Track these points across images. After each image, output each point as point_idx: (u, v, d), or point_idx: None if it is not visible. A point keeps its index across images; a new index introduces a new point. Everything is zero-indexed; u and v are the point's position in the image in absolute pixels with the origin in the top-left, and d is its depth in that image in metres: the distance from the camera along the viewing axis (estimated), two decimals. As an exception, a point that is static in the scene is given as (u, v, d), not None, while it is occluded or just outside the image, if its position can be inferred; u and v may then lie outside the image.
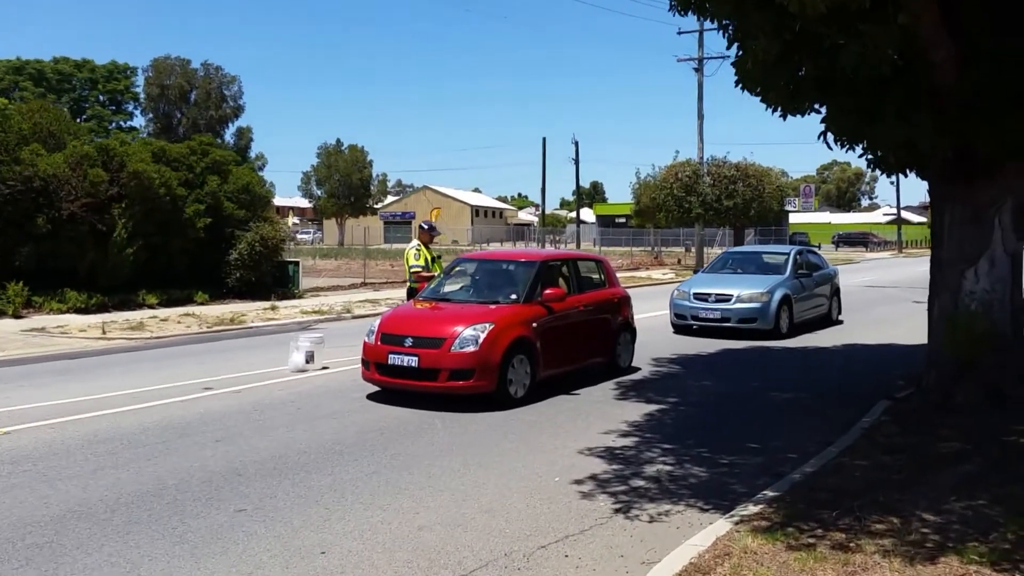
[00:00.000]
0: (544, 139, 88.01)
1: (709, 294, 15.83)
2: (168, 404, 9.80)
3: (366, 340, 10.05)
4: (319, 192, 77.04)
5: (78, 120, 70.59)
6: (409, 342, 9.53)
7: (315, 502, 6.32)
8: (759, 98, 8.47)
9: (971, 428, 7.98)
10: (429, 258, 12.46)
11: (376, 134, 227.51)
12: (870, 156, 9.98)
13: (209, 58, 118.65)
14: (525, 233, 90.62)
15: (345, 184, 75.25)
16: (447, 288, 11.09)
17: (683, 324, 16.01)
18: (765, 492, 6.39)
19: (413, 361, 9.41)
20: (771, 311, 15.24)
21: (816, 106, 9.01)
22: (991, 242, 8.97)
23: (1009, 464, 6.86)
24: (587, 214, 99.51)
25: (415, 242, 12.78)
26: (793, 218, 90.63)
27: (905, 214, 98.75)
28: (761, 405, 10.14)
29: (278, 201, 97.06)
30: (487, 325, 9.53)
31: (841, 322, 18.02)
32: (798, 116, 8.96)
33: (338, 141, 76.90)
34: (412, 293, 12.06)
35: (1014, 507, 5.72)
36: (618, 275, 32.08)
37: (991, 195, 8.93)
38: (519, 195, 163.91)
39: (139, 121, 74.40)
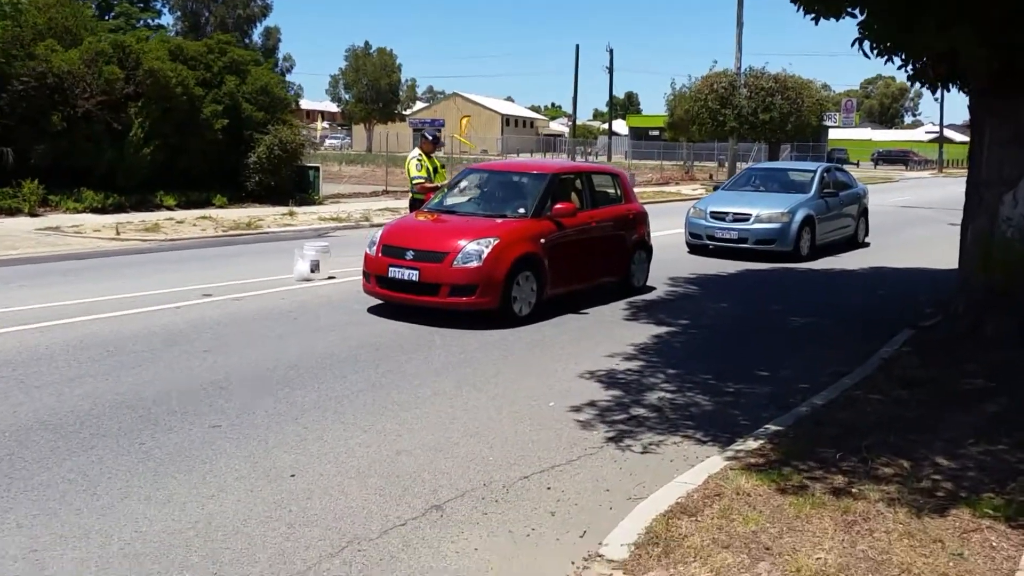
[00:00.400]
0: (577, 46, 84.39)
1: (727, 213, 15.05)
2: (163, 310, 9.56)
3: (367, 251, 9.67)
4: (347, 96, 75.90)
5: (106, 18, 69.73)
6: (410, 255, 9.14)
7: (294, 420, 6.05)
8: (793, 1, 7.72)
9: (999, 364, 7.49)
10: (431, 168, 11.94)
11: (407, 39, 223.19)
12: (910, 68, 9.29)
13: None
14: (556, 144, 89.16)
15: (373, 89, 73.98)
16: (453, 200, 10.63)
17: (698, 244, 15.34)
18: (768, 426, 6.01)
19: (414, 275, 9.04)
20: (791, 232, 14.53)
21: (852, 10, 8.26)
22: (1034, 165, 8.31)
23: (1035, 404, 6.41)
24: (621, 126, 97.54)
25: (416, 151, 12.27)
26: (833, 134, 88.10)
27: (948, 132, 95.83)
28: (776, 330, 9.70)
29: (308, 105, 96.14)
30: (492, 240, 9.10)
31: (868, 244, 17.31)
32: (832, 20, 8.24)
33: (366, 44, 75.38)
34: (415, 204, 11.61)
35: (1038, 453, 5.31)
36: (647, 189, 31.21)
37: (1039, 112, 8.22)
38: (552, 105, 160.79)
39: (167, 20, 73.21)
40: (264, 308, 9.79)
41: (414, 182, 11.87)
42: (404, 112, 79.72)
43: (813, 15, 8.38)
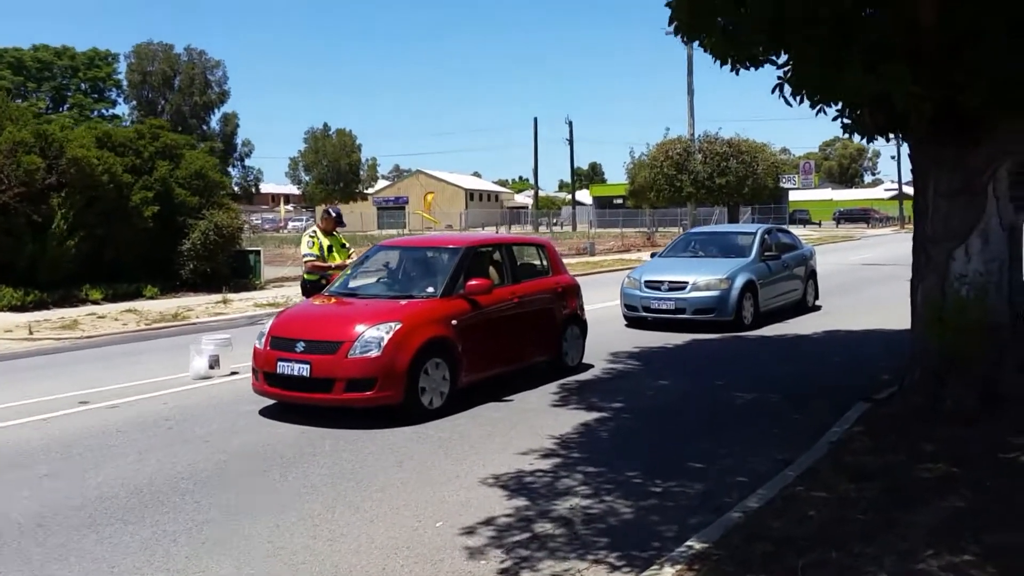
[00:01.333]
0: (535, 119, 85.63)
1: (661, 281, 13.98)
2: (27, 423, 8.42)
3: (256, 345, 8.64)
4: (307, 178, 75.47)
5: (61, 110, 69.18)
6: (300, 347, 8.11)
7: (109, 570, 4.92)
8: (702, 47, 6.94)
9: (961, 441, 6.55)
10: (325, 246, 10.96)
11: (373, 119, 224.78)
12: (846, 118, 8.57)
13: (193, 43, 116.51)
14: (521, 216, 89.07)
15: (333, 169, 73.67)
16: (359, 281, 9.67)
17: (635, 316, 14.33)
18: (690, 543, 4.97)
19: (304, 370, 7.99)
20: (731, 300, 13.58)
21: (773, 56, 7.52)
22: (984, 215, 7.51)
23: (1007, 495, 5.43)
24: (586, 196, 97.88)
25: (313, 228, 11.38)
26: (794, 195, 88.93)
27: (908, 189, 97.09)
28: (719, 409, 8.72)
29: (271, 188, 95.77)
30: (393, 325, 8.10)
31: (819, 307, 16.46)
32: (751, 69, 7.49)
33: (325, 126, 75.38)
34: (307, 287, 10.61)
35: (1016, 567, 4.32)
36: (608, 256, 30.04)
37: (983, 158, 7.46)
38: (520, 178, 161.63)
39: (123, 109, 72.87)
40: (139, 416, 8.66)
41: (304, 259, 10.89)
42: (366, 191, 79.47)
43: (730, 65, 7.63)
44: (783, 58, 7.25)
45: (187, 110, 72.69)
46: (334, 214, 11.26)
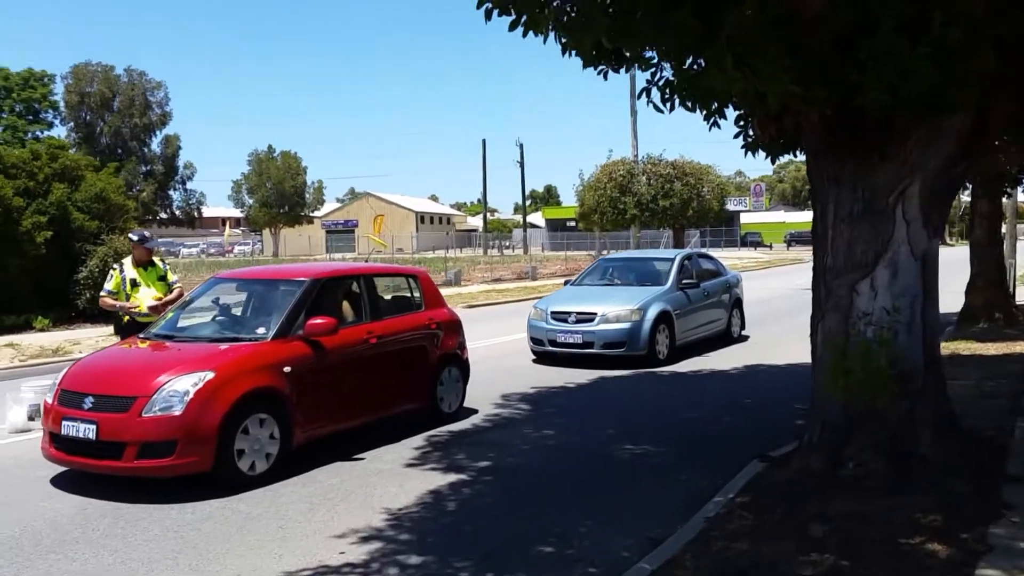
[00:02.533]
0: (484, 141, 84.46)
1: (568, 313, 12.72)
2: None
3: (46, 400, 7.25)
4: (250, 201, 73.59)
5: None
6: (88, 403, 6.73)
7: None
8: (537, 33, 5.69)
9: (859, 520, 5.36)
10: (130, 280, 9.53)
11: (322, 142, 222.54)
12: (744, 131, 7.48)
13: (133, 64, 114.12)
14: (472, 239, 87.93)
15: (277, 192, 71.92)
16: (189, 320, 8.32)
17: (541, 351, 13.06)
18: None
19: (90, 431, 6.60)
20: (643, 332, 12.36)
21: (646, 54, 6.35)
22: (892, 242, 6.39)
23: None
24: (540, 219, 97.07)
25: (126, 259, 9.84)
26: (747, 218, 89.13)
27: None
28: (601, 467, 7.49)
29: (216, 212, 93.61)
30: (202, 375, 6.76)
31: (745, 338, 15.39)
32: (614, 71, 6.32)
33: (270, 147, 73.60)
34: (125, 329, 9.23)
35: None
36: (548, 282, 28.52)
37: (890, 175, 6.35)
38: (477, 201, 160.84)
39: (60, 131, 70.55)
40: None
41: (100, 297, 9.47)
42: (312, 214, 77.83)
43: (595, 65, 6.47)
44: (650, 53, 6.07)
45: (127, 132, 70.64)
46: (136, 238, 9.73)
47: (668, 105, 6.10)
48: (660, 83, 6.08)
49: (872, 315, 6.42)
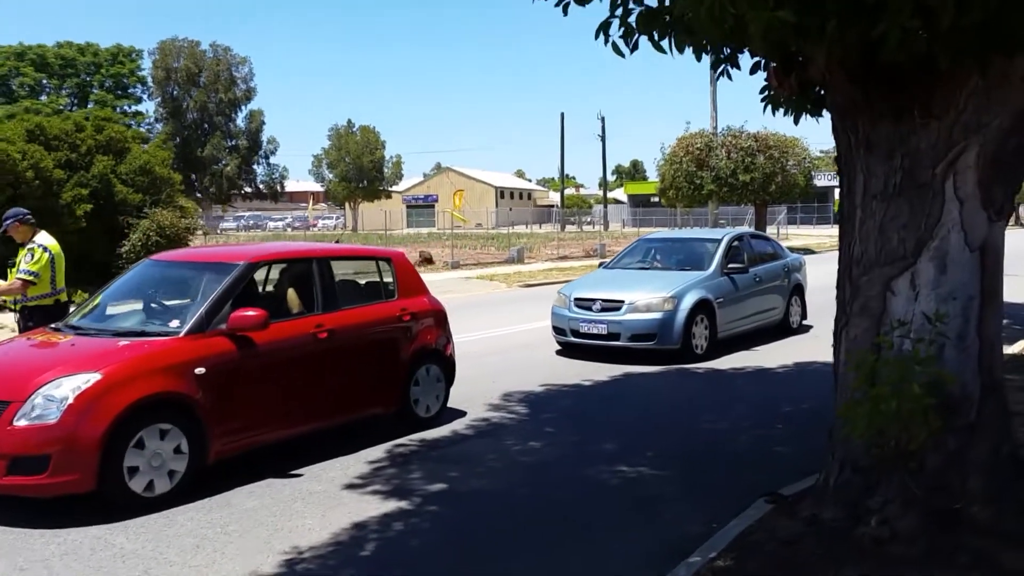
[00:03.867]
0: (562, 114, 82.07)
1: (593, 300, 11.20)
2: None
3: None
4: (330, 176, 73.67)
5: (88, 105, 68.32)
6: (-46, 409, 5.74)
7: None
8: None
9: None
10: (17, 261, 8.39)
11: (410, 118, 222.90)
12: (766, 80, 5.97)
13: (218, 40, 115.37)
14: (552, 215, 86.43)
15: (356, 167, 71.75)
16: (113, 309, 7.26)
17: (565, 342, 11.64)
18: None
19: (-47, 441, 5.62)
20: (677, 323, 10.81)
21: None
22: (940, 226, 4.83)
23: None
24: (623, 194, 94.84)
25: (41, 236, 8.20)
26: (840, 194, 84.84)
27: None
28: (570, 500, 6.14)
29: (298, 186, 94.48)
30: (88, 377, 5.70)
31: (807, 329, 13.63)
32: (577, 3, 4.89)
33: (349, 122, 73.41)
34: (33, 316, 8.10)
35: None
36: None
37: (937, 137, 4.78)
38: (569, 176, 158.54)
39: (148, 106, 71.91)
40: None
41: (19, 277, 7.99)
42: (391, 189, 77.60)
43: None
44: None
45: (212, 107, 71.37)
46: (13, 218, 8.12)
47: (630, 44, 4.66)
48: (624, 15, 4.63)
49: (911, 323, 4.88)
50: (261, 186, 75.00)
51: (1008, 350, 11.23)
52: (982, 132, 4.73)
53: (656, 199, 74.52)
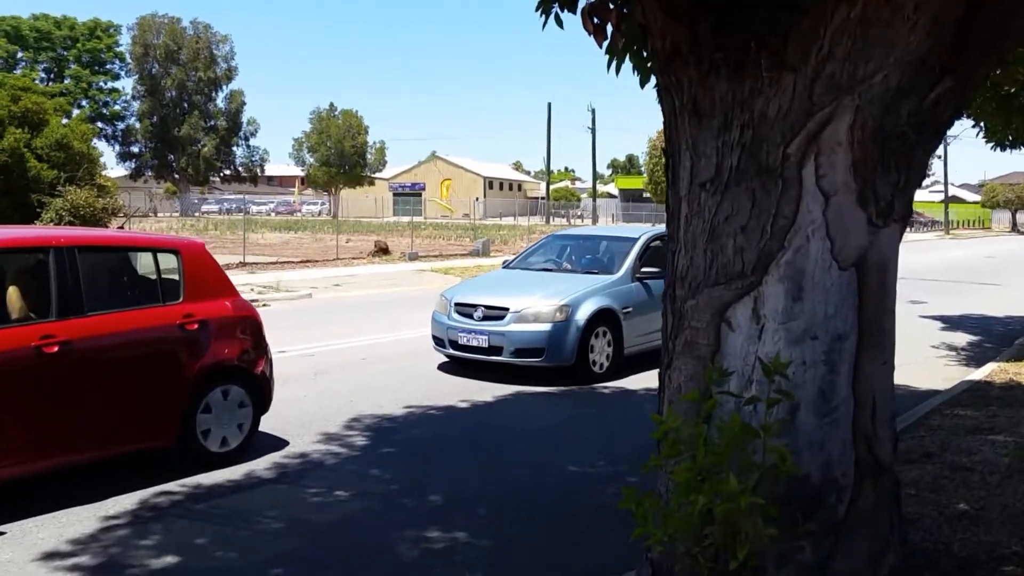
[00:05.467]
0: (549, 104, 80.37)
1: (475, 306, 9.53)
2: None
3: None
4: (311, 160, 71.94)
5: (63, 80, 66.62)
6: None
7: None
8: None
9: None
10: None
11: (399, 105, 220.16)
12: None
13: (199, 17, 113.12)
14: (540, 207, 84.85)
15: (338, 151, 70.03)
16: None
17: (445, 354, 9.96)
18: None
19: None
20: (570, 337, 9.07)
21: None
22: (793, 231, 3.25)
23: None
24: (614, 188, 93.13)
25: None
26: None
27: (961, 192, 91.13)
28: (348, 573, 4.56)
29: (283, 171, 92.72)
30: None
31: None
32: None
33: (331, 105, 71.60)
34: None
35: None
36: None
37: (791, 100, 3.19)
38: (566, 168, 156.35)
39: (127, 83, 70.26)
40: None
41: None
42: (374, 176, 75.93)
43: None
44: None
45: (191, 86, 69.68)
46: None
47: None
48: None
49: (750, 371, 3.30)
50: (240, 168, 73.29)
51: (972, 376, 9.68)
52: (857, 91, 3.14)
53: (647, 194, 73.02)
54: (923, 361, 10.87)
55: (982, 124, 9.99)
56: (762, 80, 3.21)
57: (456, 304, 9.61)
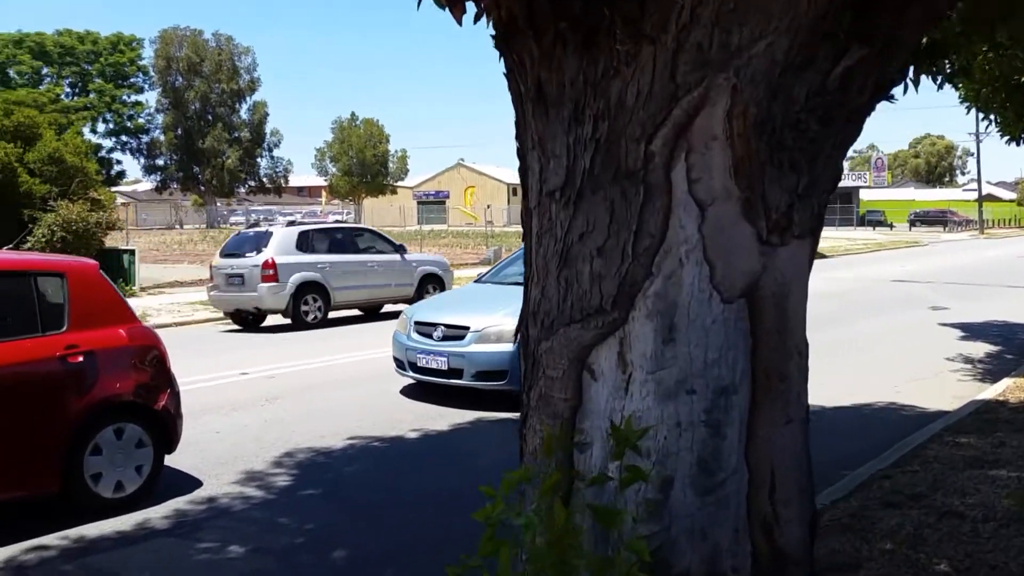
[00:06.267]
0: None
1: (435, 325, 8.74)
2: None
3: None
4: (333, 169, 71.76)
5: (88, 94, 67.03)
6: None
7: None
8: None
9: None
10: None
11: (424, 113, 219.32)
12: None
13: (221, 29, 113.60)
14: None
15: (359, 161, 69.75)
16: None
17: (405, 376, 9.14)
18: None
19: None
20: None
21: None
22: (662, 253, 2.47)
23: None
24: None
25: None
26: (868, 195, 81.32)
27: (996, 190, 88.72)
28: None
29: (309, 181, 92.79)
30: None
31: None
32: None
33: (352, 115, 71.36)
34: None
35: None
36: None
37: (653, 79, 2.42)
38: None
39: (150, 96, 70.63)
40: None
41: None
42: (397, 184, 75.61)
43: None
44: None
45: (214, 97, 69.76)
46: None
47: None
48: None
49: (608, 443, 2.52)
50: (264, 179, 73.31)
51: (982, 394, 8.72)
52: (733, 66, 2.37)
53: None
54: (935, 376, 9.95)
55: (992, 118, 9.09)
56: (617, 56, 2.45)
57: (415, 323, 8.86)
